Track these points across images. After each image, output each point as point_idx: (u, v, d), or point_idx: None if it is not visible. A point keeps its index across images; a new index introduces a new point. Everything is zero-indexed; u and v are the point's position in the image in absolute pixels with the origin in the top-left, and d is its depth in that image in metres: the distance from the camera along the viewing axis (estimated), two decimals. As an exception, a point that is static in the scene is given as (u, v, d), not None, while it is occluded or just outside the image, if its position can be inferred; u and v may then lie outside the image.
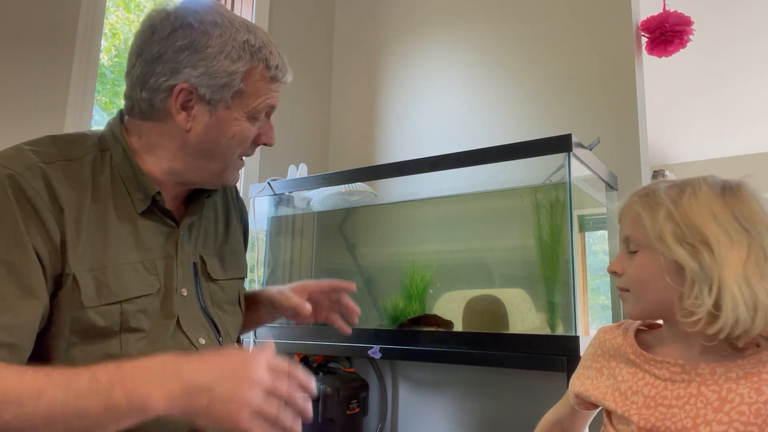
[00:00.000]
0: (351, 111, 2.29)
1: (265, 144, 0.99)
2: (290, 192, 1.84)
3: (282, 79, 0.95)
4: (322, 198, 1.81)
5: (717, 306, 0.75)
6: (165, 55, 0.87)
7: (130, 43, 0.93)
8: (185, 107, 0.89)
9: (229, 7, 2.04)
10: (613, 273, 0.89)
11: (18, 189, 0.79)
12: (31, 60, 1.44)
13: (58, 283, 0.81)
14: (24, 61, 1.42)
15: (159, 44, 0.87)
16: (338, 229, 1.92)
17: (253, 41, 0.90)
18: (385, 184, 1.93)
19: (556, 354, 1.21)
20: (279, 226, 1.90)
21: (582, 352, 1.18)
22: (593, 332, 1.40)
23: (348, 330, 1.17)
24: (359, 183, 1.76)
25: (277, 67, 0.93)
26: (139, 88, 0.89)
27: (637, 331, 0.90)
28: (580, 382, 0.93)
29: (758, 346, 0.77)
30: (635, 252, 0.85)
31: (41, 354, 0.81)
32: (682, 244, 0.79)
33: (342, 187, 1.75)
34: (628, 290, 0.87)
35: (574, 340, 1.20)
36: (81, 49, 1.51)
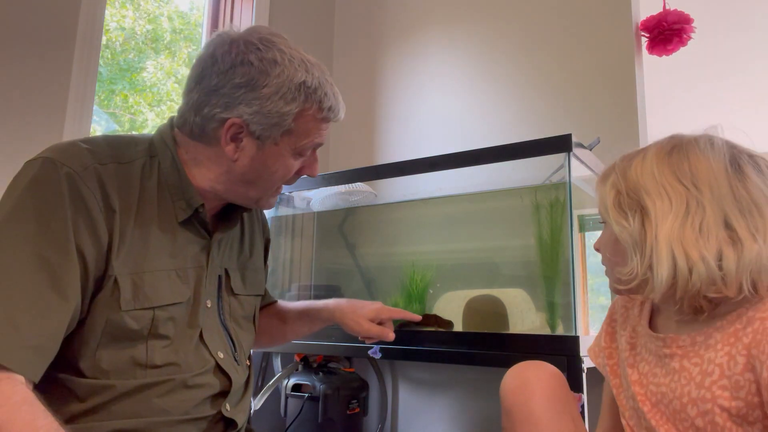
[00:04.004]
0: (351, 111, 2.29)
1: (307, 175, 1.01)
2: (290, 192, 1.84)
3: (334, 119, 0.96)
4: (322, 198, 1.81)
5: (650, 271, 0.73)
6: (222, 89, 0.88)
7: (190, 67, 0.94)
8: (235, 139, 0.90)
9: (229, 8, 2.05)
10: (597, 250, 0.87)
11: (75, 189, 0.80)
12: (31, 60, 1.44)
13: (98, 284, 0.82)
14: (24, 62, 1.42)
15: (218, 77, 0.88)
16: (338, 229, 1.92)
17: (309, 82, 0.90)
18: (385, 184, 1.93)
19: (556, 354, 1.21)
20: (279, 226, 1.90)
21: (582, 352, 1.18)
22: (593, 332, 1.41)
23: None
24: (359, 183, 1.76)
25: (330, 108, 0.94)
26: (193, 112, 0.90)
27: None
28: (595, 353, 0.93)
29: (718, 305, 0.73)
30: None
31: (70, 353, 0.82)
32: (619, 210, 0.77)
33: (342, 187, 1.75)
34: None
35: (574, 340, 1.20)
36: (81, 49, 1.51)
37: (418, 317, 1.26)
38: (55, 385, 0.82)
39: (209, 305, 0.95)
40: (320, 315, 1.20)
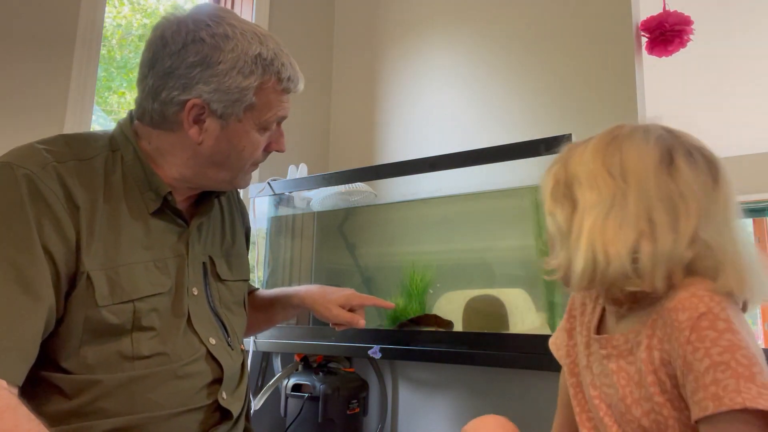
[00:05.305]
0: (351, 111, 2.29)
1: (276, 151, 1.00)
2: (290, 192, 1.84)
3: (294, 89, 0.95)
4: (322, 198, 1.81)
5: (571, 262, 0.72)
6: (177, 70, 0.86)
7: (141, 50, 0.92)
8: (197, 121, 0.89)
9: (228, 8, 2.05)
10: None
11: (34, 189, 0.79)
12: (32, 60, 1.43)
13: (72, 282, 0.82)
14: (24, 61, 1.42)
15: (171, 58, 0.87)
16: (338, 229, 1.92)
17: (265, 54, 0.89)
18: (385, 184, 1.93)
19: (556, 354, 1.21)
20: (279, 226, 1.90)
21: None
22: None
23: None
24: (359, 183, 1.76)
25: (289, 78, 0.93)
26: (151, 99, 0.89)
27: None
28: (556, 346, 0.92)
29: (639, 299, 0.73)
30: None
31: (54, 352, 0.81)
32: (554, 201, 0.77)
33: (342, 187, 1.75)
34: None
35: (574, 340, 1.20)
36: (81, 49, 1.51)
37: (391, 305, 1.24)
38: (42, 385, 0.81)
39: (196, 293, 0.94)
40: (291, 301, 1.19)
